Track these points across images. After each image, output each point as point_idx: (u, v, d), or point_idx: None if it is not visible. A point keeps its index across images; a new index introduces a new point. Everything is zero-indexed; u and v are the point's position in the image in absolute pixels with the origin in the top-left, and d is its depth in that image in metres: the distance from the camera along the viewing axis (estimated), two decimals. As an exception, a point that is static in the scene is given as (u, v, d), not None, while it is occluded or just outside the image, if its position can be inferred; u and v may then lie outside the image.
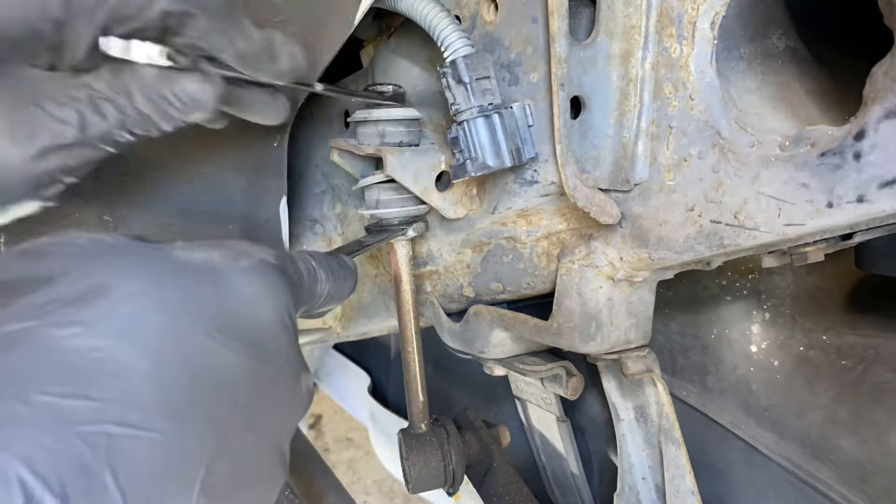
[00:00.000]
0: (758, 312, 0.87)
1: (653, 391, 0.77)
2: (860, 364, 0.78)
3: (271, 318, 0.44)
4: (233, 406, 0.40)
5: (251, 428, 0.41)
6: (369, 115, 0.72)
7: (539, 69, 0.63)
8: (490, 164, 0.63)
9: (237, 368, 0.40)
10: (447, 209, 0.76)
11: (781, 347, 0.85)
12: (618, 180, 0.63)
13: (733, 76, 0.58)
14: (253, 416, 0.41)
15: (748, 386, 0.87)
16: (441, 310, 0.88)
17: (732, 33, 0.57)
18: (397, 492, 2.68)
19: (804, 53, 0.61)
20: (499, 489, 0.86)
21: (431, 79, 0.78)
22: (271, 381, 0.43)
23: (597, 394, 1.00)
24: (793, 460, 0.83)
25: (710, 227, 0.56)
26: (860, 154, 0.45)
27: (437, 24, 0.64)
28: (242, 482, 0.41)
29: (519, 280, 0.77)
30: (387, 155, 0.71)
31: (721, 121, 0.55)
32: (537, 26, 0.62)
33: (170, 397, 0.36)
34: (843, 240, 0.62)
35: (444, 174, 0.75)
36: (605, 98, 0.62)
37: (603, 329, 0.68)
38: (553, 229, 0.72)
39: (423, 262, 0.88)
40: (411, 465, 0.80)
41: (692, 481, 0.75)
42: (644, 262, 0.63)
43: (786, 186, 0.50)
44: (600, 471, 1.06)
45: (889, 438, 0.75)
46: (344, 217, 1.00)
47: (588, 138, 0.64)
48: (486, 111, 0.63)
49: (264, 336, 0.43)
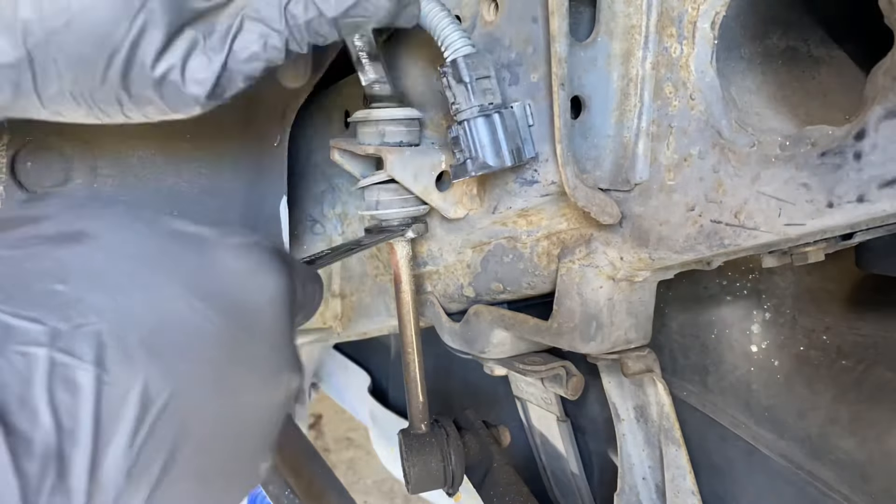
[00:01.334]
0: (758, 312, 0.87)
1: (653, 391, 0.77)
2: (860, 364, 0.78)
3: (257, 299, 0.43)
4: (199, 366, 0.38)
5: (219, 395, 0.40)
6: (370, 114, 0.72)
7: (539, 69, 0.63)
8: (490, 164, 0.63)
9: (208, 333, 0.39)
10: (447, 209, 0.76)
11: (781, 347, 0.85)
12: (618, 180, 0.63)
13: (733, 76, 0.58)
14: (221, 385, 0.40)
15: (748, 386, 0.87)
16: (441, 310, 0.88)
17: (733, 33, 0.57)
18: (397, 492, 2.68)
19: (804, 53, 0.61)
20: (498, 489, 0.86)
21: (431, 79, 0.78)
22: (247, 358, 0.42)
23: (597, 394, 1.00)
24: (793, 460, 0.83)
25: (711, 226, 0.56)
26: (860, 154, 0.45)
27: (438, 23, 0.64)
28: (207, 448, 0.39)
29: (519, 280, 0.77)
30: (387, 155, 0.71)
31: (721, 120, 0.55)
32: (537, 26, 0.62)
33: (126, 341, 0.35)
34: (844, 240, 0.62)
35: (445, 174, 0.75)
36: (605, 98, 0.62)
37: (603, 329, 0.68)
38: (553, 229, 0.72)
39: (424, 261, 0.88)
40: (411, 465, 0.80)
41: (692, 481, 0.75)
42: (644, 261, 0.63)
43: (786, 186, 0.50)
44: (600, 471, 1.06)
45: (889, 438, 0.75)
46: (344, 217, 1.00)
47: (588, 138, 0.64)
48: (487, 111, 0.63)
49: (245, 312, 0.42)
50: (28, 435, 0.32)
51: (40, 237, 0.37)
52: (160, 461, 0.36)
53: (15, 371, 0.32)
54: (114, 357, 0.35)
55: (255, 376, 0.43)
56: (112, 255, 0.38)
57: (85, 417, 0.33)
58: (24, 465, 0.31)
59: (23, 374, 0.32)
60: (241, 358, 0.41)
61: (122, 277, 0.37)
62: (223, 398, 0.40)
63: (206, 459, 0.40)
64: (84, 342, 0.34)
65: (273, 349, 0.44)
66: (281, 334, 0.45)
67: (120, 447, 0.34)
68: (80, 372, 0.33)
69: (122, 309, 0.36)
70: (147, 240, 0.40)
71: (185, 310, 0.38)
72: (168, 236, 0.41)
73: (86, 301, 0.35)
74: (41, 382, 0.32)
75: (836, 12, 0.60)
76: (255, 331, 0.43)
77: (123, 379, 0.35)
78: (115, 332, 0.35)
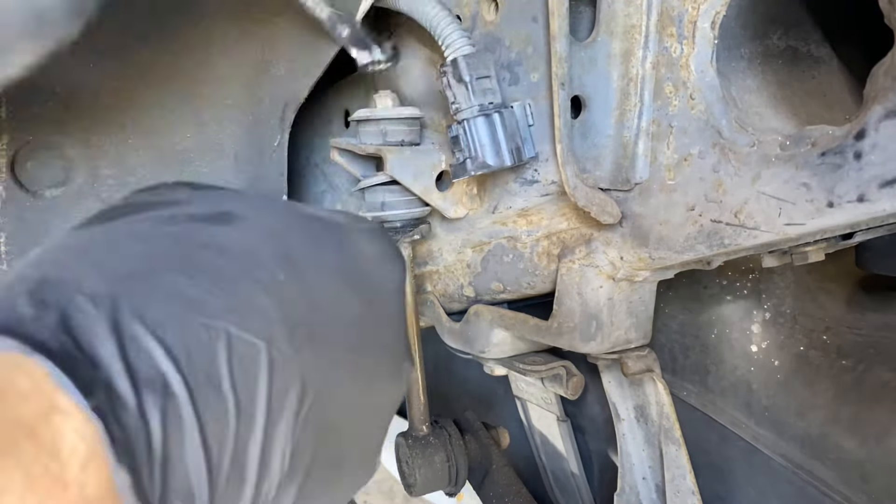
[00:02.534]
0: (758, 312, 0.87)
1: (653, 391, 0.77)
2: (860, 364, 0.78)
3: (385, 282, 0.42)
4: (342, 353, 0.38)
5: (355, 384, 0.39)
6: (371, 113, 0.72)
7: (539, 68, 0.63)
8: (490, 163, 0.63)
9: (351, 318, 0.39)
10: (447, 208, 0.76)
11: (782, 347, 0.85)
12: (618, 180, 0.63)
13: (734, 76, 0.58)
14: (358, 374, 0.39)
15: (748, 386, 0.87)
16: (441, 309, 0.88)
17: (733, 33, 0.57)
18: (397, 492, 2.67)
19: (804, 53, 0.61)
20: (498, 491, 0.86)
21: (431, 78, 0.78)
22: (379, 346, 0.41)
23: (597, 393, 1.00)
24: (793, 460, 0.83)
25: (711, 226, 0.56)
26: (861, 153, 0.45)
27: (439, 22, 0.64)
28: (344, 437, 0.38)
29: (519, 280, 0.77)
30: (387, 154, 0.71)
31: (721, 120, 0.55)
32: (538, 26, 0.62)
33: (290, 320, 0.35)
34: (844, 239, 0.62)
35: (445, 174, 0.75)
36: (605, 97, 0.62)
37: (603, 329, 0.68)
38: (553, 229, 0.72)
39: (424, 261, 0.88)
40: (415, 467, 0.79)
41: (692, 481, 0.75)
42: (644, 261, 0.63)
43: (786, 186, 0.50)
44: (600, 470, 1.06)
45: (889, 438, 0.75)
46: (344, 217, 1.00)
47: (588, 138, 0.64)
48: (487, 110, 0.63)
49: (378, 297, 0.41)
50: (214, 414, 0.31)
51: (192, 216, 0.37)
52: (311, 448, 0.36)
53: (201, 345, 0.31)
54: (280, 335, 0.34)
55: (384, 365, 0.42)
56: (262, 234, 0.37)
57: (260, 399, 0.32)
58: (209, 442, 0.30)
59: (209, 350, 0.31)
60: (375, 345, 0.41)
61: (276, 256, 0.36)
62: (360, 386, 0.40)
63: (342, 448, 0.39)
64: (255, 318, 0.33)
65: (396, 337, 0.44)
66: (401, 322, 0.45)
67: (283, 432, 0.34)
68: (254, 349, 0.33)
69: (281, 287, 0.35)
70: (290, 221, 0.39)
71: (332, 292, 0.38)
72: (306, 218, 0.40)
73: (251, 275, 0.35)
74: (223, 359, 0.31)
75: (836, 12, 0.60)
76: (385, 318, 0.42)
77: (289, 359, 0.34)
78: (279, 309, 0.34)
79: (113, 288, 0.31)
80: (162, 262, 0.33)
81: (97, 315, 0.29)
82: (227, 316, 0.32)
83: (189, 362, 0.30)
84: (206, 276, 0.33)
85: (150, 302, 0.31)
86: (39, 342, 0.28)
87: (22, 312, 0.29)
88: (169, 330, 0.30)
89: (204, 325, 0.31)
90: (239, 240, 0.36)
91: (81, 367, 0.28)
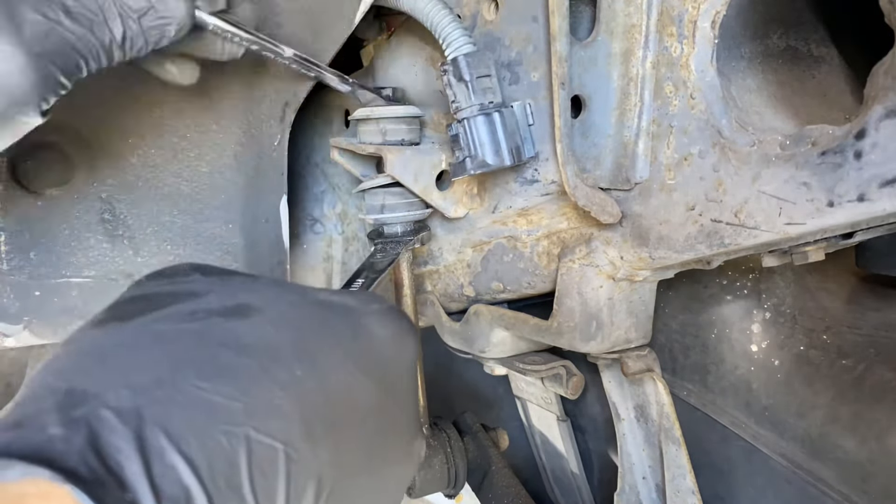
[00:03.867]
0: (758, 312, 0.87)
1: (653, 390, 0.77)
2: (860, 364, 0.78)
3: (399, 364, 0.44)
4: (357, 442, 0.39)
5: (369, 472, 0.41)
6: (371, 113, 0.72)
7: (539, 68, 0.63)
8: (489, 163, 0.63)
9: (366, 406, 0.40)
10: (448, 208, 0.76)
11: (782, 347, 0.85)
12: (618, 179, 0.63)
13: (734, 75, 0.58)
14: (372, 461, 0.41)
15: (748, 385, 0.87)
16: (441, 309, 0.88)
17: (733, 32, 0.57)
18: (397, 492, 2.67)
19: (804, 53, 0.61)
20: (497, 492, 0.86)
21: (432, 78, 0.78)
22: (393, 428, 0.43)
23: (597, 393, 1.00)
24: (793, 460, 0.83)
25: (711, 226, 0.56)
26: (861, 153, 0.45)
27: (440, 21, 0.64)
28: None
29: (519, 279, 0.77)
30: (387, 154, 0.71)
31: (722, 120, 0.55)
32: (538, 25, 0.62)
33: (307, 417, 0.36)
34: (844, 239, 0.62)
35: (445, 173, 0.75)
36: (605, 97, 0.62)
37: (603, 328, 0.68)
38: (553, 228, 0.72)
39: (424, 261, 0.88)
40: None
41: (692, 481, 0.75)
42: (645, 261, 0.63)
43: (786, 185, 0.50)
44: (600, 470, 1.06)
45: (889, 438, 0.75)
46: (344, 216, 1.00)
47: (589, 137, 0.64)
48: (487, 109, 0.63)
49: (392, 380, 0.43)
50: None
51: (210, 311, 0.38)
52: None
53: (222, 452, 0.32)
54: (297, 434, 0.35)
55: (398, 446, 0.44)
56: (279, 327, 0.38)
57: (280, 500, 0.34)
58: None
59: (229, 458, 0.32)
60: (388, 428, 0.42)
61: (293, 350, 0.37)
62: (374, 470, 0.41)
63: None
64: (274, 419, 0.34)
65: (409, 417, 0.45)
66: (414, 400, 0.46)
67: None
68: (273, 452, 0.34)
69: (298, 382, 0.36)
70: (303, 311, 0.41)
71: (346, 380, 0.39)
72: (318, 306, 0.42)
73: (269, 374, 0.36)
74: (244, 466, 0.33)
75: (836, 12, 0.60)
76: (398, 398, 0.43)
77: (307, 457, 0.35)
78: (296, 407, 0.36)
79: (137, 400, 0.32)
80: (183, 366, 0.34)
81: (124, 431, 0.31)
82: (247, 421, 0.34)
83: (210, 471, 0.32)
84: (226, 379, 0.34)
85: (173, 411, 0.32)
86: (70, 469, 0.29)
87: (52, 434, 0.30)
88: (192, 441, 0.32)
89: (224, 433, 0.33)
90: (257, 336, 0.37)
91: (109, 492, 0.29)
